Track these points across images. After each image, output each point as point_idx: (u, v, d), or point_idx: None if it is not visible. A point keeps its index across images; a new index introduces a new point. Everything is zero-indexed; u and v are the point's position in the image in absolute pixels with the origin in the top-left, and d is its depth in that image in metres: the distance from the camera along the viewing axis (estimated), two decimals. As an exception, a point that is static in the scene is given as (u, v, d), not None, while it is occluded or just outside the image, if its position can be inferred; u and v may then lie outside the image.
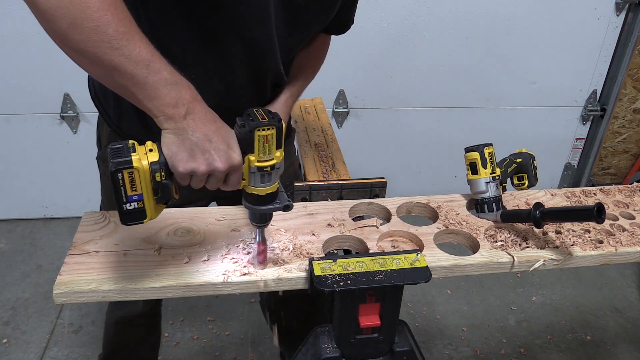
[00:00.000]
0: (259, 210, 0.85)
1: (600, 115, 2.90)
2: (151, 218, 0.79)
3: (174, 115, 0.78)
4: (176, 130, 0.78)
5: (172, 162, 0.78)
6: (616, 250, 1.01)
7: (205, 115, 0.80)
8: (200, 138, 0.78)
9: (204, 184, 0.82)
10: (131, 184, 0.75)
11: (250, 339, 2.10)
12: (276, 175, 0.82)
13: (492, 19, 2.57)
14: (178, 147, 0.78)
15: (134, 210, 0.77)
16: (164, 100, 0.77)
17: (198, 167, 0.78)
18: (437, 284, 2.43)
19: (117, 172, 0.74)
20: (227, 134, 0.81)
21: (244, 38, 1.01)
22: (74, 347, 2.04)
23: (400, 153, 2.90)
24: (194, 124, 0.78)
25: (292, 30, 1.07)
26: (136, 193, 0.76)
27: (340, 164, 1.39)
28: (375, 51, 2.57)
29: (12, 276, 2.38)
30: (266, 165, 0.80)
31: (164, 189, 0.78)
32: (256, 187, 0.82)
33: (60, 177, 2.68)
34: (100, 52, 0.74)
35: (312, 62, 1.27)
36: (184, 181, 0.80)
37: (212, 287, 0.87)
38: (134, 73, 0.75)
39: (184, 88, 0.80)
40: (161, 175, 0.77)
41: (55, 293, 0.83)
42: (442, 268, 0.93)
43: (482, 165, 1.08)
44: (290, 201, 0.86)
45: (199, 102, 0.81)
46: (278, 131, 0.78)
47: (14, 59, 2.37)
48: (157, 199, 0.78)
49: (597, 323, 2.29)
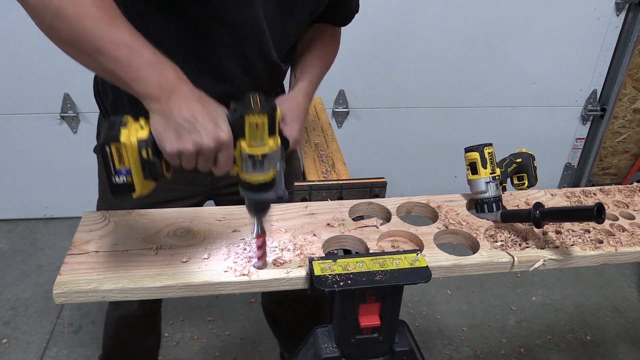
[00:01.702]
0: (252, 199, 0.84)
1: (600, 115, 2.90)
2: (141, 193, 0.80)
3: (159, 96, 0.78)
4: (162, 111, 0.78)
5: (159, 142, 0.78)
6: (616, 250, 1.01)
7: (191, 94, 0.80)
8: (186, 118, 0.78)
9: (195, 165, 0.81)
10: (119, 158, 0.77)
11: (250, 339, 2.11)
12: (269, 164, 0.80)
13: (492, 19, 2.57)
14: (164, 127, 0.78)
15: (123, 183, 0.78)
16: (148, 81, 0.78)
17: (185, 147, 0.78)
18: (437, 284, 2.43)
19: (105, 144, 0.75)
20: (215, 112, 0.80)
21: (225, 21, 1.01)
22: (74, 347, 2.04)
23: (400, 153, 2.90)
24: (179, 104, 0.78)
25: (284, 16, 1.06)
26: (124, 167, 0.77)
27: (340, 164, 1.39)
28: (376, 51, 2.57)
29: (12, 276, 2.38)
30: (257, 154, 0.78)
31: (151, 166, 0.79)
32: (248, 174, 0.81)
33: (60, 177, 2.68)
34: (84, 38, 0.77)
35: (327, 50, 1.25)
36: (173, 161, 0.80)
37: (212, 287, 0.87)
38: (118, 57, 0.77)
39: (168, 69, 0.80)
40: (148, 152, 0.78)
41: (55, 293, 0.83)
42: (442, 268, 0.93)
43: (482, 165, 1.08)
44: (285, 192, 0.84)
45: (184, 82, 0.81)
46: (270, 119, 0.76)
47: (14, 59, 2.37)
48: (145, 175, 0.79)
49: (597, 323, 2.29)
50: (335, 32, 1.27)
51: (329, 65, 1.28)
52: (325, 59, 1.25)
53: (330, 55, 1.28)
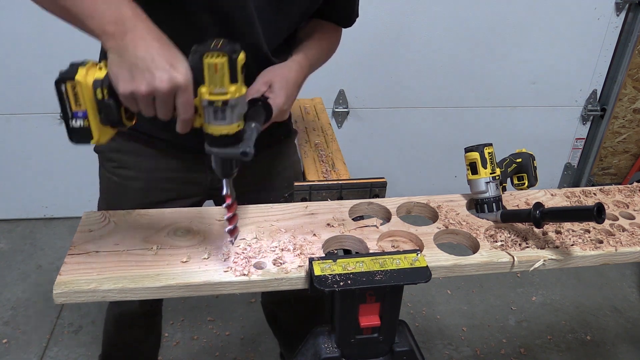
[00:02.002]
0: (215, 153, 0.80)
1: (600, 115, 2.90)
2: (99, 141, 0.78)
3: (114, 33, 0.75)
4: (117, 48, 0.75)
5: (114, 82, 0.75)
6: (616, 250, 1.01)
7: (148, 33, 0.76)
8: (141, 57, 0.74)
9: (154, 110, 0.78)
10: (75, 99, 0.75)
11: (250, 339, 2.11)
12: (232, 113, 0.76)
13: (492, 19, 2.57)
14: (118, 66, 0.75)
15: (80, 128, 0.76)
16: (103, 17, 0.75)
17: (138, 87, 0.74)
18: (437, 284, 2.43)
19: (61, 82, 0.74)
20: (173, 53, 0.76)
21: (215, 12, 0.99)
22: (74, 347, 2.04)
23: (400, 153, 2.90)
24: (134, 42, 0.74)
25: (275, 8, 1.04)
26: (80, 109, 0.75)
27: (340, 164, 1.39)
28: (376, 51, 2.57)
29: (12, 276, 2.38)
30: (217, 99, 0.74)
31: (107, 108, 0.76)
32: (210, 125, 0.77)
33: (60, 177, 2.68)
34: None
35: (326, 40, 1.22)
36: (129, 104, 0.77)
37: (212, 287, 0.87)
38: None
39: (125, 5, 0.77)
40: (103, 92, 0.75)
41: (55, 293, 0.83)
42: (442, 268, 0.93)
43: (482, 165, 1.08)
44: (251, 148, 0.78)
45: (142, 20, 0.77)
46: (230, 61, 0.72)
47: (14, 59, 2.36)
48: (102, 119, 0.77)
49: (597, 323, 2.29)
50: (335, 29, 1.25)
51: (327, 56, 1.24)
52: (324, 46, 1.21)
53: (329, 46, 1.24)
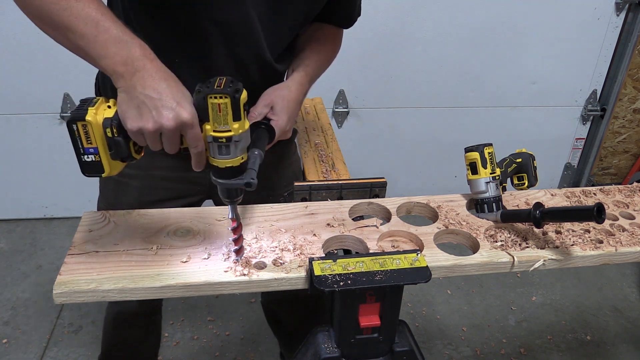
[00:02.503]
0: (220, 184, 0.84)
1: (600, 115, 2.90)
2: (110, 173, 0.81)
3: (124, 72, 0.79)
4: (126, 88, 0.79)
5: (122, 119, 0.79)
6: (616, 250, 1.01)
7: (156, 72, 0.80)
8: (149, 95, 0.78)
9: (160, 145, 0.81)
10: (86, 137, 0.78)
11: (250, 339, 2.11)
12: (236, 148, 0.79)
13: (492, 19, 2.57)
14: (127, 104, 0.78)
15: (91, 162, 0.80)
16: (114, 58, 0.79)
17: (145, 125, 0.78)
18: (437, 284, 2.43)
19: (72, 122, 0.77)
20: (179, 92, 0.80)
21: (217, 21, 1.01)
22: (74, 347, 2.04)
23: (400, 153, 2.90)
24: (142, 82, 0.78)
25: (277, 16, 1.05)
26: (92, 146, 0.79)
27: (340, 164, 1.39)
28: (376, 51, 2.57)
29: (12, 276, 2.38)
30: (221, 137, 0.77)
31: (117, 145, 0.79)
32: (215, 159, 0.80)
33: (60, 177, 2.68)
34: (54, 13, 0.78)
35: (326, 48, 1.24)
36: (137, 140, 0.80)
37: (212, 287, 0.87)
38: (84, 32, 0.78)
39: (135, 46, 0.80)
40: (112, 131, 0.78)
41: (55, 293, 0.83)
42: (442, 268, 0.93)
43: (482, 165, 1.08)
44: (254, 179, 0.82)
45: (150, 60, 0.81)
46: (233, 101, 0.75)
47: (14, 59, 2.37)
48: (112, 155, 0.80)
49: (597, 323, 2.29)
50: (336, 33, 1.26)
51: (328, 63, 1.26)
52: (323, 57, 1.23)
53: (329, 54, 1.26)
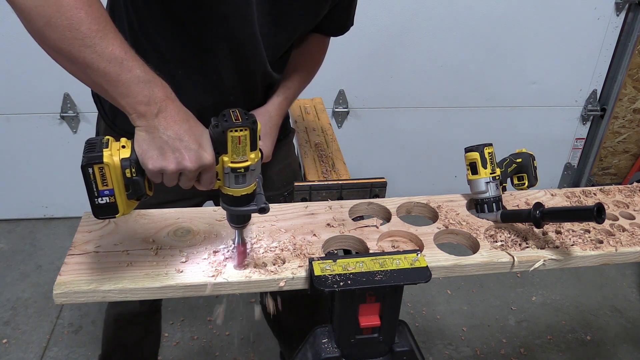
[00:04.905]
0: (234, 212, 0.84)
1: (600, 115, 2.90)
2: (123, 213, 0.80)
3: (145, 113, 0.78)
4: (148, 127, 0.78)
5: (142, 159, 0.78)
6: (616, 250, 1.01)
7: (177, 114, 0.80)
8: (171, 137, 0.78)
9: (177, 182, 0.82)
10: (102, 179, 0.76)
11: (250, 339, 2.10)
12: (251, 176, 0.81)
13: (492, 19, 2.57)
14: (149, 144, 0.78)
15: (105, 204, 0.78)
16: (136, 98, 0.78)
17: (167, 166, 0.78)
18: (437, 284, 2.43)
19: (88, 166, 0.75)
20: (200, 133, 0.80)
21: (226, 38, 1.02)
22: (74, 347, 2.04)
23: (400, 153, 2.90)
24: (165, 122, 0.78)
25: (278, 30, 1.07)
26: (107, 188, 0.77)
27: (340, 164, 1.39)
28: (376, 51, 2.57)
29: (12, 276, 2.38)
30: (240, 167, 0.79)
31: (135, 185, 0.79)
32: (231, 188, 0.81)
33: (60, 177, 2.68)
34: (74, 49, 0.75)
35: (309, 64, 1.26)
36: (155, 179, 0.80)
37: (212, 287, 0.87)
38: (107, 71, 0.76)
39: (157, 86, 0.80)
40: (132, 171, 0.78)
41: (55, 293, 0.83)
42: (442, 268, 0.93)
43: (482, 165, 1.08)
44: (266, 204, 0.84)
45: (172, 101, 0.81)
46: (252, 133, 0.77)
47: (14, 59, 2.37)
48: (129, 195, 0.79)
49: (597, 323, 2.29)
50: (323, 41, 1.28)
51: (311, 78, 1.28)
52: (307, 74, 1.26)
53: (314, 68, 1.29)
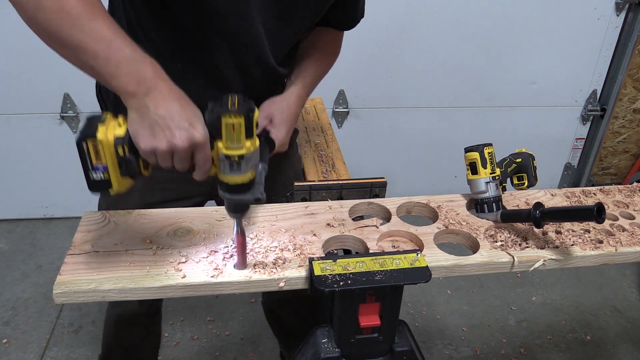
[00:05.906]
0: (229, 199, 0.84)
1: (600, 115, 2.90)
2: (118, 190, 0.81)
3: (135, 92, 0.78)
4: (138, 107, 0.78)
5: (134, 139, 0.78)
6: (616, 250, 1.01)
7: (168, 93, 0.80)
8: (162, 115, 0.78)
9: (171, 163, 0.81)
10: (96, 155, 0.78)
11: (250, 339, 2.11)
12: (247, 165, 0.80)
13: (492, 19, 2.57)
14: (139, 124, 0.78)
15: (100, 180, 0.80)
16: (126, 77, 0.78)
17: (158, 145, 0.78)
18: (437, 284, 2.43)
19: (82, 141, 0.76)
20: (191, 112, 0.80)
21: (222, 30, 1.01)
22: (74, 347, 2.04)
23: (400, 153, 2.90)
24: (155, 102, 0.78)
25: (282, 24, 1.06)
26: (101, 164, 0.78)
27: (340, 164, 1.39)
28: (376, 51, 2.57)
29: (12, 276, 2.38)
30: (234, 155, 0.78)
31: (128, 163, 0.79)
32: (226, 176, 0.80)
33: (60, 177, 2.68)
34: (64, 31, 0.77)
35: (323, 55, 1.25)
36: (149, 158, 0.80)
37: (212, 287, 0.87)
38: (96, 51, 0.77)
39: (147, 66, 0.80)
40: (124, 150, 0.78)
41: (55, 293, 0.83)
42: (442, 268, 0.93)
43: (481, 165, 1.08)
44: (263, 194, 0.83)
45: (162, 80, 0.81)
46: (247, 120, 0.75)
47: (14, 59, 2.37)
48: (122, 172, 0.80)
49: (597, 323, 2.29)
50: (337, 35, 1.27)
51: (327, 69, 1.27)
52: (322, 64, 1.25)
53: (329, 60, 1.28)
